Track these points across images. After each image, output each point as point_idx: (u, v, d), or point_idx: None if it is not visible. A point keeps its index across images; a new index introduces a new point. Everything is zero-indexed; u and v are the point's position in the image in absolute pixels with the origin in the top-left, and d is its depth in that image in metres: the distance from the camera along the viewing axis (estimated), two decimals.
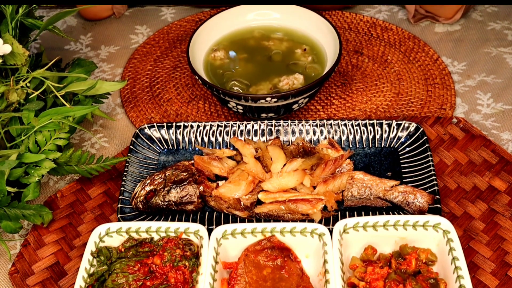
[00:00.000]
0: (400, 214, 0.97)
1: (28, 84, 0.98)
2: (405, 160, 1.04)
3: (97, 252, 0.89)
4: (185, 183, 0.99)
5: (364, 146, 1.07)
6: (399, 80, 1.23)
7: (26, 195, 0.98)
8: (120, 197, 1.01)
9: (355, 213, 0.98)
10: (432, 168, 1.00)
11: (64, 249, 0.99)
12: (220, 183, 1.01)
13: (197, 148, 1.09)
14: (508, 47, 1.29)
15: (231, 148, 1.07)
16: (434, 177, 0.98)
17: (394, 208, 0.98)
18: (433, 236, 0.87)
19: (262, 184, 0.99)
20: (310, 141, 1.08)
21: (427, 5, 1.32)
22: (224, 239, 0.88)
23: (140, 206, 0.99)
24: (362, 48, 1.31)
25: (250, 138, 1.09)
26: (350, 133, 1.07)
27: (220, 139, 1.09)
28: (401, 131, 1.06)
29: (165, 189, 0.99)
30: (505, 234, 0.95)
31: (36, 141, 0.98)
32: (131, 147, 1.08)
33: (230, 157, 1.06)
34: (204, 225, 0.97)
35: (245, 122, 1.09)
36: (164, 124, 1.10)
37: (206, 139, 1.09)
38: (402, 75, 1.24)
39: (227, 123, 1.09)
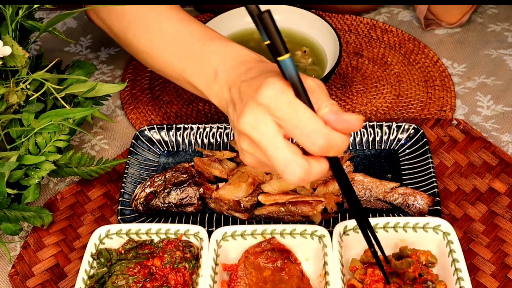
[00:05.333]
0: (400, 216, 0.97)
1: (28, 86, 0.98)
2: (405, 162, 1.04)
3: (97, 254, 0.89)
4: (185, 185, 0.99)
5: (364, 148, 1.07)
6: (399, 82, 1.23)
7: (26, 197, 0.98)
8: (120, 199, 1.01)
9: None
10: (432, 170, 1.00)
11: (64, 251, 0.99)
12: (220, 185, 1.01)
13: (197, 150, 1.09)
14: (508, 49, 1.29)
15: (231, 150, 1.07)
16: (434, 179, 0.98)
17: (394, 210, 0.98)
18: (433, 238, 0.87)
19: (262, 186, 0.99)
20: None
21: (432, 7, 1.31)
22: (224, 241, 0.88)
23: (140, 208, 0.99)
24: (362, 50, 1.31)
25: None
26: (350, 135, 1.07)
27: (220, 141, 1.09)
28: (401, 133, 1.06)
29: (165, 191, 0.99)
30: (505, 236, 0.95)
31: (36, 143, 0.98)
32: (131, 149, 1.08)
33: (230, 159, 1.06)
34: (204, 227, 0.97)
35: None
36: (164, 126, 1.10)
37: (206, 141, 1.09)
38: (402, 77, 1.25)
39: (227, 125, 1.09)
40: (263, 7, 0.97)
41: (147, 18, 0.95)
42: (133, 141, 1.08)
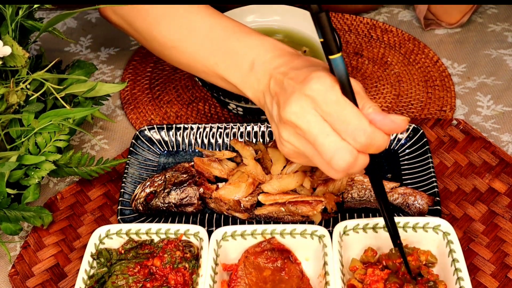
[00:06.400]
0: (400, 216, 0.97)
1: (28, 86, 0.98)
2: (405, 162, 1.04)
3: (97, 254, 0.89)
4: (185, 185, 0.99)
5: None
6: (399, 82, 1.23)
7: (26, 197, 0.97)
8: (120, 199, 1.01)
9: (355, 214, 0.98)
10: (432, 170, 1.00)
11: (64, 250, 0.99)
12: (220, 185, 1.01)
13: (197, 150, 1.09)
14: (508, 49, 1.29)
15: (231, 150, 1.07)
16: (434, 179, 0.98)
17: (394, 210, 0.98)
18: (433, 238, 0.87)
19: (262, 186, 0.99)
20: None
21: (432, 7, 1.31)
22: (224, 241, 0.88)
23: (140, 208, 0.99)
24: (362, 50, 1.31)
25: (250, 140, 1.09)
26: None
27: (220, 141, 1.09)
28: (401, 133, 1.06)
29: (165, 191, 0.99)
30: (505, 236, 0.95)
31: (36, 143, 0.98)
32: (131, 149, 1.08)
33: (230, 159, 1.06)
34: (204, 227, 0.97)
35: (245, 124, 1.09)
36: (164, 126, 1.10)
37: (206, 141, 1.09)
38: (402, 77, 1.25)
39: (227, 125, 1.09)
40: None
41: (177, 13, 0.95)
42: (133, 141, 1.08)
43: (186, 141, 1.10)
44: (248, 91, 0.86)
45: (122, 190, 1.02)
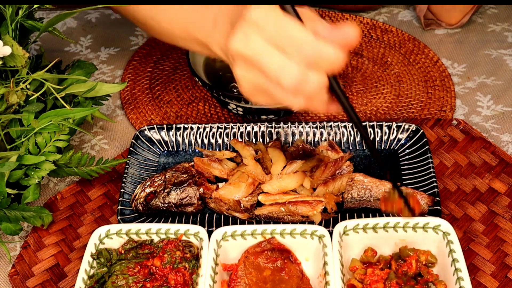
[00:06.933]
0: (400, 216, 0.96)
1: (28, 86, 0.98)
2: (405, 162, 1.04)
3: (97, 254, 0.89)
4: (185, 185, 0.99)
5: (364, 148, 1.07)
6: (399, 82, 1.23)
7: (26, 197, 0.98)
8: (120, 199, 1.01)
9: (355, 214, 0.98)
10: (432, 170, 1.00)
11: (64, 251, 0.99)
12: (220, 185, 1.01)
13: (197, 150, 1.09)
14: (508, 49, 1.29)
15: (231, 150, 1.07)
16: (434, 179, 0.98)
17: None
18: (433, 238, 0.87)
19: (262, 186, 0.99)
20: (310, 143, 1.08)
21: (433, 7, 1.31)
22: (224, 241, 0.88)
23: (140, 208, 0.99)
24: (362, 50, 1.31)
25: (250, 140, 1.09)
26: (350, 134, 1.07)
27: (220, 141, 1.09)
28: (401, 133, 1.06)
29: (165, 191, 0.99)
30: (505, 236, 0.95)
31: (36, 143, 0.98)
32: (131, 149, 1.08)
33: (230, 159, 1.06)
34: (204, 227, 0.97)
35: (245, 124, 1.09)
36: (164, 126, 1.10)
37: (206, 141, 1.09)
38: (402, 77, 1.25)
39: (227, 125, 1.09)
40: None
41: None
42: (133, 141, 1.08)
43: (186, 141, 1.10)
44: (216, 48, 0.85)
45: (122, 190, 1.02)
